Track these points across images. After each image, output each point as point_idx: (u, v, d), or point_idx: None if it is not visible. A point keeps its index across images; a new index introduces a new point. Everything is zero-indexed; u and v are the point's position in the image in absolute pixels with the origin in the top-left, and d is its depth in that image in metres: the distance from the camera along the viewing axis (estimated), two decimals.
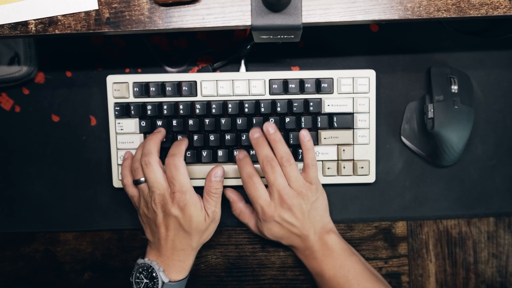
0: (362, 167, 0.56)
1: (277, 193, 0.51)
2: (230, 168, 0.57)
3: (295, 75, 0.56)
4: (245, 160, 0.53)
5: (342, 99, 0.56)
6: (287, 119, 0.56)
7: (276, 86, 0.56)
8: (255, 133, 0.53)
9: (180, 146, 0.52)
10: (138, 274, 0.51)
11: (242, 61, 0.58)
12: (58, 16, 0.43)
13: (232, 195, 0.57)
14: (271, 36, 0.44)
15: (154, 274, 0.50)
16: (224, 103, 0.56)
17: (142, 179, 0.51)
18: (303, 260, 0.54)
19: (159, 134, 0.54)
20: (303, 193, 0.51)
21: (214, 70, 0.59)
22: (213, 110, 0.56)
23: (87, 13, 0.43)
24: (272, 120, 0.56)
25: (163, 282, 0.50)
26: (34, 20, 0.43)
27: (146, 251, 0.53)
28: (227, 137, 0.56)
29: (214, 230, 0.54)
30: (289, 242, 0.53)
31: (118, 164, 0.57)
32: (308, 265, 0.53)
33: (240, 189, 0.58)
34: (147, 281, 0.50)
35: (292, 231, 0.52)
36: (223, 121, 0.56)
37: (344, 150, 0.56)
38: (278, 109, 0.56)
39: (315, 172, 0.52)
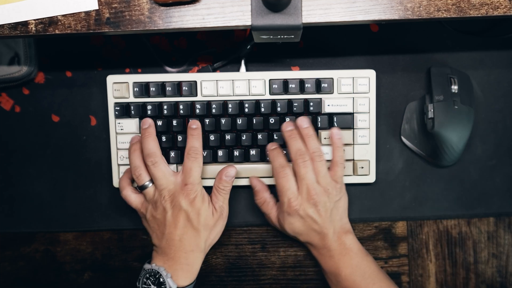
0: (362, 167, 0.56)
1: (306, 188, 0.51)
2: None
3: (295, 75, 0.56)
4: (278, 151, 0.54)
5: (342, 99, 0.56)
6: (287, 119, 0.56)
7: (276, 86, 0.56)
8: (288, 126, 0.54)
9: (199, 138, 0.53)
10: (145, 280, 0.50)
11: (242, 61, 0.58)
12: (58, 16, 0.43)
13: (258, 184, 0.56)
14: (271, 36, 0.44)
15: (161, 280, 0.50)
16: (224, 103, 0.56)
17: (147, 183, 0.52)
18: (319, 258, 0.54)
19: (151, 129, 0.54)
20: (329, 191, 0.52)
21: (214, 70, 0.59)
22: (213, 110, 0.56)
23: (87, 13, 0.43)
24: (279, 109, 0.56)
25: None
26: (34, 20, 0.43)
27: (152, 256, 0.53)
28: (227, 137, 0.56)
29: (222, 230, 0.54)
30: (307, 239, 0.53)
31: (118, 164, 0.57)
32: (323, 264, 0.53)
33: (244, 189, 0.58)
34: (155, 287, 0.50)
35: (313, 228, 0.52)
36: (223, 121, 0.56)
37: (344, 150, 0.56)
38: (278, 109, 0.56)
39: (342, 171, 0.53)
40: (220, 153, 0.56)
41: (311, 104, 0.56)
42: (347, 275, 0.51)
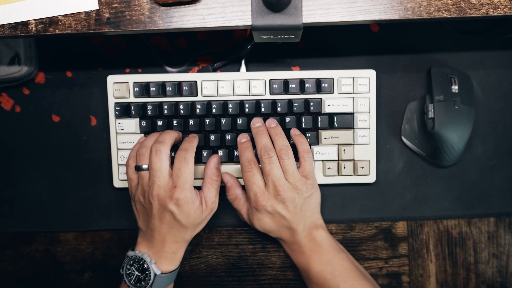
0: (362, 167, 0.56)
1: (272, 184, 0.51)
2: (230, 167, 0.56)
3: (296, 75, 0.56)
4: (247, 145, 0.54)
5: (343, 99, 0.56)
6: (288, 119, 0.56)
7: (276, 86, 0.56)
8: (256, 123, 0.54)
9: (193, 143, 0.52)
10: (129, 267, 0.51)
11: (243, 61, 0.58)
12: (59, 16, 0.43)
13: (230, 180, 0.55)
14: (272, 36, 0.44)
15: (145, 266, 0.50)
16: (225, 103, 0.56)
17: (145, 166, 0.51)
18: (290, 254, 0.54)
19: (176, 133, 0.54)
20: (298, 187, 0.51)
21: (214, 70, 0.59)
22: (214, 110, 0.56)
23: (88, 13, 0.43)
24: (279, 109, 0.56)
25: (155, 274, 0.50)
26: (34, 20, 0.43)
27: (136, 242, 0.53)
28: (228, 137, 0.56)
29: (208, 220, 0.53)
30: (277, 234, 0.53)
31: (118, 164, 0.57)
32: (295, 260, 0.53)
33: (244, 190, 0.58)
34: (139, 274, 0.50)
35: (282, 223, 0.52)
36: (223, 121, 0.56)
37: (344, 150, 0.56)
38: (279, 109, 0.56)
39: (311, 166, 0.53)
40: (220, 153, 0.56)
41: (312, 104, 0.56)
42: (317, 272, 0.51)
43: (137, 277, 0.50)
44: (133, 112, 0.56)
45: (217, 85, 0.56)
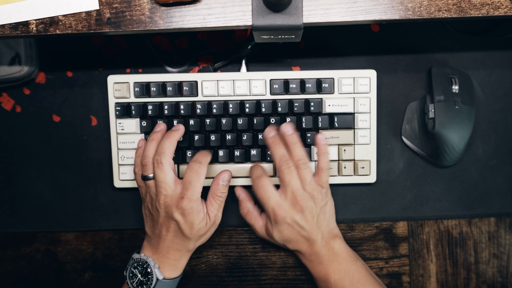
0: (363, 167, 0.56)
1: (291, 194, 0.51)
2: (231, 167, 0.56)
3: (296, 75, 0.56)
4: (255, 165, 0.54)
5: (343, 99, 0.56)
6: (288, 119, 0.56)
7: (277, 86, 0.56)
8: (270, 132, 0.53)
9: (207, 157, 0.52)
10: (133, 269, 0.51)
11: (243, 61, 0.58)
12: (59, 16, 0.43)
13: (242, 194, 0.56)
14: (272, 36, 0.44)
15: (149, 270, 0.50)
16: (225, 103, 0.56)
17: (151, 175, 0.51)
18: (308, 265, 0.53)
19: (177, 133, 0.53)
20: (315, 196, 0.51)
21: (215, 70, 0.59)
22: (214, 110, 0.56)
23: (88, 13, 0.43)
24: (288, 120, 0.56)
25: (157, 279, 0.50)
26: (35, 20, 0.43)
27: (142, 245, 0.53)
28: (228, 137, 0.56)
29: (211, 234, 0.54)
30: (296, 246, 0.53)
31: (119, 164, 0.57)
32: (313, 270, 0.53)
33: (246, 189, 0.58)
34: (142, 278, 0.50)
35: (301, 234, 0.52)
36: (224, 121, 0.56)
37: (345, 150, 0.56)
38: (279, 109, 0.56)
39: (327, 177, 0.53)
40: (220, 153, 0.56)
41: (312, 104, 0.56)
42: (336, 281, 0.51)
43: (139, 281, 0.50)
44: (133, 112, 0.56)
45: (217, 85, 0.56)
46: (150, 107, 0.56)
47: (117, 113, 0.57)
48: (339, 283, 0.51)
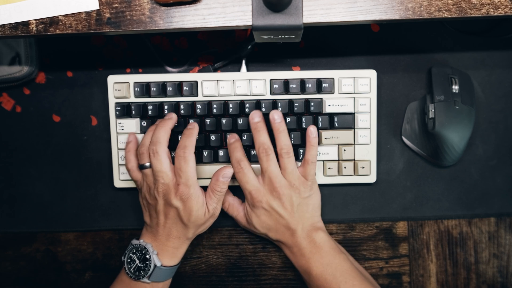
0: (363, 167, 0.56)
1: (268, 179, 0.51)
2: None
3: (296, 75, 0.56)
4: (236, 145, 0.54)
5: (343, 99, 0.56)
6: (288, 119, 0.56)
7: (277, 86, 0.56)
8: (255, 117, 0.53)
9: (191, 137, 0.52)
10: (131, 255, 0.51)
11: (243, 61, 0.58)
12: (59, 16, 0.43)
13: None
14: (272, 36, 0.44)
15: (147, 256, 0.50)
16: (225, 103, 0.56)
17: (148, 164, 0.51)
18: (291, 257, 0.54)
19: (170, 122, 0.53)
20: (296, 186, 0.51)
21: (215, 70, 0.59)
22: (214, 110, 0.56)
23: (88, 13, 0.43)
24: (280, 109, 0.56)
25: (155, 265, 0.50)
26: (35, 20, 0.43)
27: (142, 233, 0.54)
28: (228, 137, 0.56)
29: (211, 224, 0.54)
30: (277, 236, 0.53)
31: (119, 164, 0.57)
32: (296, 263, 0.53)
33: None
34: (140, 264, 0.51)
35: (280, 222, 0.52)
36: (224, 121, 0.56)
37: (345, 150, 0.56)
38: (279, 109, 0.56)
39: (313, 170, 0.53)
40: (220, 153, 0.56)
41: (312, 104, 0.56)
42: (318, 274, 0.51)
43: (137, 266, 0.51)
44: (133, 112, 0.56)
45: (217, 85, 0.56)
46: (150, 107, 0.56)
47: (117, 113, 0.57)
48: (321, 276, 0.51)
